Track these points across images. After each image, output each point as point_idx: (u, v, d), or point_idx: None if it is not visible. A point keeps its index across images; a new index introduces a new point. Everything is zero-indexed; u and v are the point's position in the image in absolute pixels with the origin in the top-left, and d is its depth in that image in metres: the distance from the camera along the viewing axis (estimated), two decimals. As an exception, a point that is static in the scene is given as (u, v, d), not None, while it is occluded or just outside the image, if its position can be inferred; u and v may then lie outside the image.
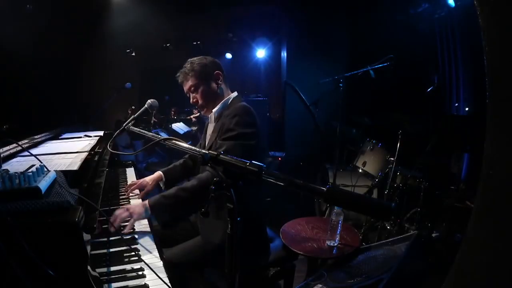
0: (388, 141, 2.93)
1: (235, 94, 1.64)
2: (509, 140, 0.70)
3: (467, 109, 3.38)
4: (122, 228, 1.25)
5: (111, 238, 1.18)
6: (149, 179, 1.75)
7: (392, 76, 2.68)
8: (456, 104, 3.47)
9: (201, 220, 1.56)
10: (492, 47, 0.69)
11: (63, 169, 1.20)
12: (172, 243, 1.52)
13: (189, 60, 1.59)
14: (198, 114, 5.91)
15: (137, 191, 1.71)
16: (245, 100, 1.61)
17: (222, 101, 1.58)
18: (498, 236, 0.73)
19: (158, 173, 1.78)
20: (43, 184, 0.83)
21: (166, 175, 1.78)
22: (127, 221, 1.26)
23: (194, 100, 1.58)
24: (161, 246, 1.24)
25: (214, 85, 1.57)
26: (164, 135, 2.02)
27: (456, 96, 3.47)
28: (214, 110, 1.58)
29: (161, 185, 1.79)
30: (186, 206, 1.41)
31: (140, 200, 1.61)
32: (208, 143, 1.59)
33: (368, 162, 3.05)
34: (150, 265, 1.01)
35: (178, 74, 1.59)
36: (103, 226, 1.19)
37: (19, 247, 0.69)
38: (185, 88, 1.58)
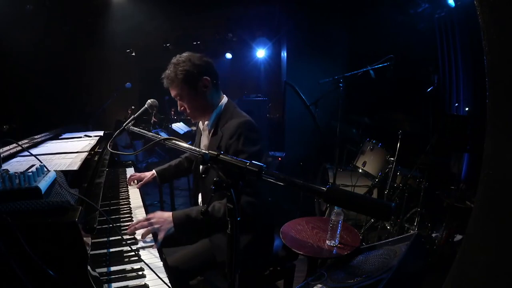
0: (388, 141, 2.93)
1: (225, 99, 1.52)
2: (509, 140, 0.70)
3: (467, 109, 3.38)
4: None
5: (111, 238, 1.18)
6: (148, 173, 1.87)
7: (392, 76, 2.68)
8: (456, 104, 3.47)
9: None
10: (492, 47, 0.69)
11: (63, 169, 1.20)
12: (172, 243, 1.52)
13: (173, 61, 1.44)
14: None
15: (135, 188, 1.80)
16: (245, 100, 1.59)
17: (215, 111, 1.48)
18: (498, 236, 0.73)
19: (153, 172, 1.87)
20: (43, 184, 0.83)
21: (159, 174, 1.86)
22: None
23: (181, 108, 1.49)
24: (161, 245, 1.24)
25: (201, 93, 1.43)
26: (164, 135, 2.02)
27: (456, 96, 3.47)
28: (206, 122, 1.52)
29: (157, 181, 1.88)
30: (208, 230, 1.44)
31: (141, 203, 1.61)
32: None
33: (368, 162, 3.05)
34: (150, 265, 1.00)
35: (162, 77, 1.46)
36: (103, 226, 1.19)
37: (19, 247, 0.69)
38: (172, 94, 1.48)
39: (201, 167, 1.55)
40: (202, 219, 1.33)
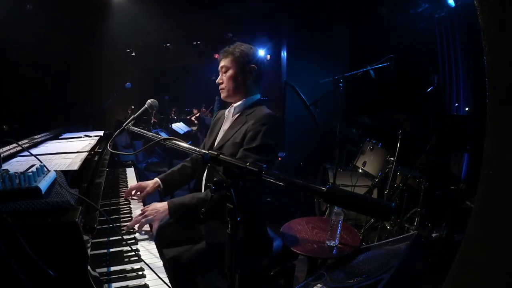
0: (388, 141, 2.93)
1: (258, 96, 1.62)
2: (508, 140, 0.70)
3: (467, 109, 3.38)
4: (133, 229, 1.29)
5: (111, 238, 1.18)
6: (150, 182, 1.72)
7: (392, 76, 2.68)
8: (456, 104, 3.47)
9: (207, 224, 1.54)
10: (492, 47, 0.69)
11: (63, 169, 1.20)
12: (173, 244, 1.52)
13: (238, 42, 1.60)
14: (198, 114, 5.91)
15: (137, 194, 1.68)
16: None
17: (245, 98, 1.58)
18: (498, 236, 0.73)
19: (156, 180, 1.72)
20: (43, 184, 0.83)
21: (164, 182, 1.73)
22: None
23: (220, 81, 1.59)
24: (161, 246, 1.24)
25: (244, 76, 1.55)
26: (164, 135, 2.01)
27: (456, 96, 3.47)
28: (234, 105, 1.58)
29: (160, 191, 1.75)
30: (205, 216, 1.43)
31: (141, 202, 1.60)
32: (222, 137, 1.57)
33: (368, 162, 3.05)
34: (150, 265, 1.00)
35: (222, 50, 1.62)
36: (103, 226, 1.19)
37: (19, 247, 0.69)
38: (220, 65, 1.60)
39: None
40: (197, 205, 1.38)
